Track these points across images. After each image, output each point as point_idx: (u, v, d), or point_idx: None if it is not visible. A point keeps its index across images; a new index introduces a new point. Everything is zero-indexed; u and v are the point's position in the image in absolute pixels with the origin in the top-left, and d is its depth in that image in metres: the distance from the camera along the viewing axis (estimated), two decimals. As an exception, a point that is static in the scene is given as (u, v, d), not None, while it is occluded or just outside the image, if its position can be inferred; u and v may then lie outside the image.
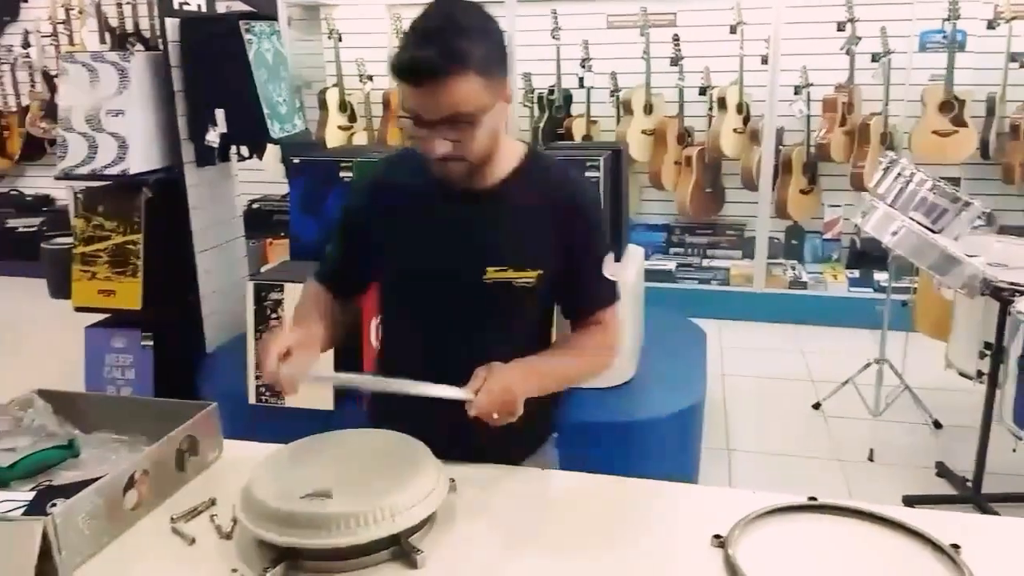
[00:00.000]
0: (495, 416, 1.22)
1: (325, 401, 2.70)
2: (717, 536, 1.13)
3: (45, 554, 1.05)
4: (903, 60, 4.64)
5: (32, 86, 6.06)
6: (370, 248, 1.45)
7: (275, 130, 3.28)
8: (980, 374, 2.79)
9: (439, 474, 1.19)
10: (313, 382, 1.25)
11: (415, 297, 1.44)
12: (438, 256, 1.38)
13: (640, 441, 2.76)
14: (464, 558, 1.12)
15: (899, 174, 2.96)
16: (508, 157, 1.38)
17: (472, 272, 1.36)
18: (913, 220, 2.83)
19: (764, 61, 4.68)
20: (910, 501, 2.81)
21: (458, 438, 1.27)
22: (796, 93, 4.77)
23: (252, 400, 2.86)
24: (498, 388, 1.23)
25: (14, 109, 6.16)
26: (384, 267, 1.48)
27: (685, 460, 2.93)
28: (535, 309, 1.45)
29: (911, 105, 4.69)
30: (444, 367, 1.35)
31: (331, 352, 1.54)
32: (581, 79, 5.02)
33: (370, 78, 5.30)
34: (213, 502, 1.25)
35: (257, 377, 2.84)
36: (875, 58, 4.65)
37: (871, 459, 3.19)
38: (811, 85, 4.76)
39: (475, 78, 1.21)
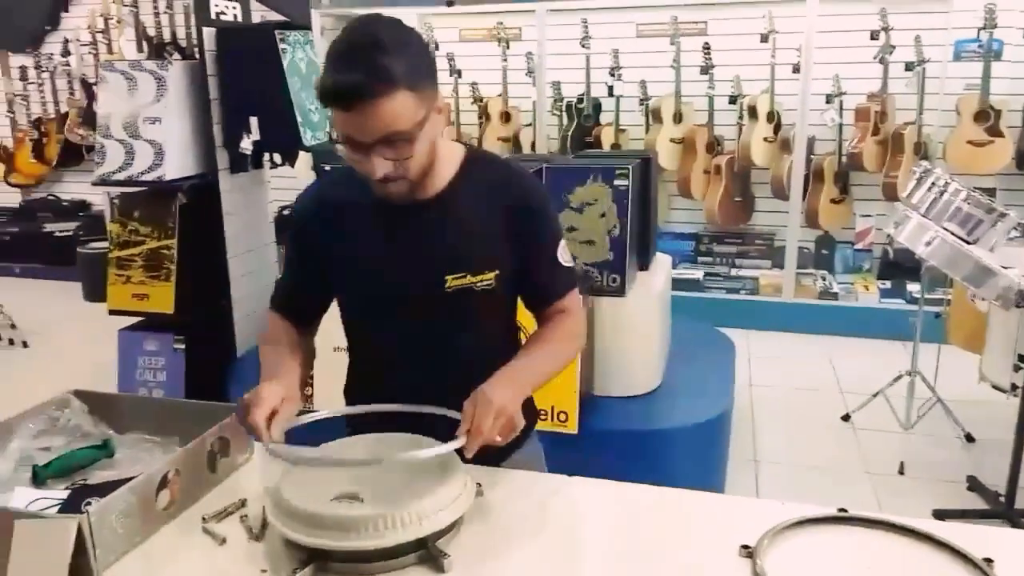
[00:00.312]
0: (499, 440, 1.20)
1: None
2: (745, 547, 1.12)
3: (79, 551, 1.07)
4: (938, 69, 4.59)
5: (71, 93, 6.19)
6: (322, 272, 1.43)
7: (307, 138, 3.32)
8: (1014, 387, 2.74)
9: (466, 479, 1.19)
10: (274, 456, 1.19)
11: (378, 315, 1.43)
12: (394, 272, 1.37)
13: (665, 450, 2.74)
14: (490, 563, 1.12)
15: (933, 184, 2.93)
16: (448, 162, 1.37)
17: (432, 283, 1.35)
18: (947, 231, 2.79)
19: (796, 70, 4.64)
20: (941, 515, 2.76)
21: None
22: (828, 102, 4.74)
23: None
24: (491, 414, 1.19)
25: (53, 116, 6.30)
26: (341, 289, 1.46)
27: (711, 471, 2.91)
28: (499, 308, 1.45)
29: (946, 115, 4.63)
30: (418, 379, 1.37)
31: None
32: (610, 88, 5.02)
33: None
34: (243, 503, 1.26)
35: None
36: (909, 67, 4.59)
37: (901, 472, 3.15)
38: (843, 94, 4.72)
39: (404, 94, 1.18)
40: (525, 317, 1.52)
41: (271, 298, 1.53)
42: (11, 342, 4.79)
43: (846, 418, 3.60)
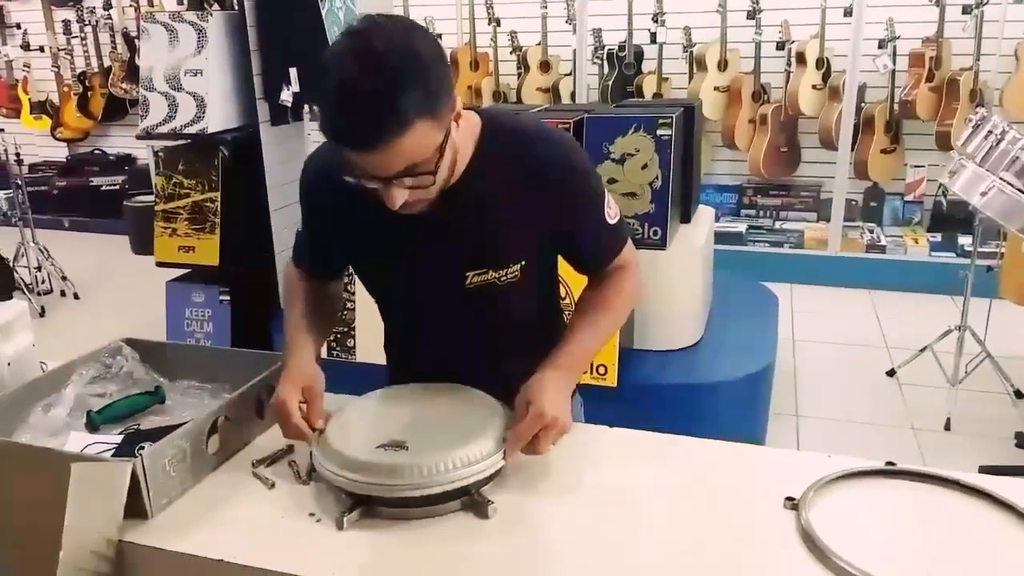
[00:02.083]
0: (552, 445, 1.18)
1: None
2: (790, 499, 1.11)
3: (134, 494, 1.10)
4: (997, 12, 4.39)
5: (113, 48, 6.24)
6: (339, 240, 1.34)
7: (346, 88, 3.31)
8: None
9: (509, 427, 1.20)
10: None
11: (396, 306, 1.39)
12: (412, 267, 1.29)
13: (705, 405, 2.74)
14: (533, 511, 1.13)
15: (990, 132, 2.82)
16: (463, 150, 1.22)
17: (452, 280, 1.27)
18: (1004, 181, 2.69)
19: (847, 13, 4.47)
20: (988, 471, 2.70)
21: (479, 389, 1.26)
22: (880, 47, 4.57)
23: (324, 354, 2.92)
24: (539, 425, 1.15)
25: (96, 70, 6.36)
26: (355, 268, 1.39)
27: (751, 426, 2.90)
28: (529, 289, 1.33)
29: (1004, 60, 4.45)
30: (449, 354, 1.34)
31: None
32: (653, 34, 4.90)
33: (439, 36, 5.28)
34: (291, 448, 1.29)
35: (334, 341, 2.91)
36: (967, 10, 4.40)
37: (948, 428, 3.10)
38: (897, 38, 4.54)
39: (422, 125, 1.05)
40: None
41: (293, 250, 1.48)
42: (63, 293, 4.93)
43: (891, 373, 3.54)
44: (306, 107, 3.56)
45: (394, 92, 1.02)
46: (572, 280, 1.47)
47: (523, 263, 1.28)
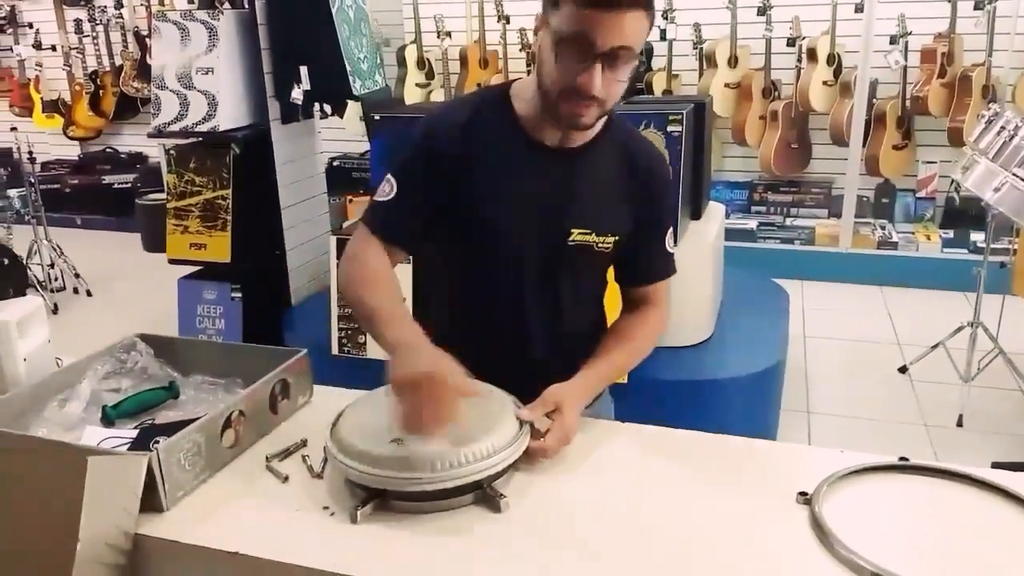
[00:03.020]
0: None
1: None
2: (803, 493, 1.11)
3: (149, 487, 1.11)
4: (1009, 7, 4.36)
5: (125, 46, 6.27)
6: (446, 196, 1.32)
7: (356, 87, 3.32)
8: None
9: (523, 422, 1.20)
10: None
11: (492, 255, 1.37)
12: (523, 214, 1.33)
13: (715, 401, 2.73)
14: (546, 505, 1.14)
15: (1002, 128, 2.81)
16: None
17: (556, 233, 1.33)
18: (1017, 176, 2.68)
19: (858, 9, 4.46)
20: (1000, 467, 2.70)
21: (518, 393, 1.27)
22: (892, 43, 4.54)
23: (335, 351, 2.94)
24: (562, 439, 1.23)
25: (108, 69, 6.39)
26: (459, 224, 1.35)
27: (762, 421, 2.89)
28: (604, 274, 1.45)
29: (1016, 55, 4.42)
30: (509, 331, 1.37)
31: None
32: (663, 31, 4.89)
33: (448, 34, 5.28)
34: (304, 443, 1.30)
35: (345, 337, 2.92)
36: (979, 5, 4.37)
37: (960, 425, 3.08)
38: (909, 34, 4.52)
39: (648, 17, 1.19)
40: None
41: (369, 222, 1.36)
42: (76, 291, 4.96)
43: (903, 370, 3.53)
44: (316, 105, 3.58)
45: None
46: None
47: (617, 238, 1.36)
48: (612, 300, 1.52)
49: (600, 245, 1.35)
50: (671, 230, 1.44)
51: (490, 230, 1.35)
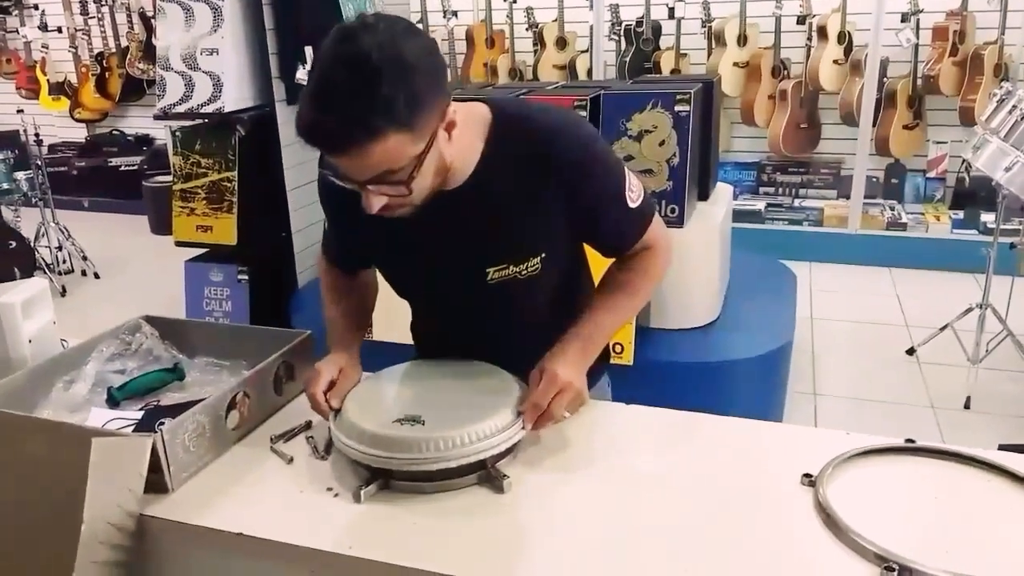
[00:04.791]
0: (566, 415, 1.19)
1: (410, 336, 2.75)
2: (807, 475, 1.11)
3: (154, 468, 1.12)
4: (1024, -17, 4.29)
5: (130, 27, 6.24)
6: (360, 240, 1.33)
7: (362, 67, 3.30)
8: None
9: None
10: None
11: (418, 298, 1.40)
12: (432, 261, 1.27)
13: (721, 383, 2.73)
14: (549, 486, 1.14)
15: (1014, 107, 2.78)
16: (472, 147, 1.19)
17: (473, 276, 1.25)
18: (1029, 156, 2.65)
19: (869, -13, 4.40)
20: (1007, 450, 2.69)
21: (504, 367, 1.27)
22: (903, 21, 4.48)
23: (341, 333, 2.94)
24: (554, 391, 1.16)
25: (113, 51, 6.37)
26: (378, 266, 1.40)
27: (769, 403, 2.89)
28: (553, 284, 1.32)
29: (1030, 33, 4.35)
30: (473, 350, 1.33)
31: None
32: (671, 9, 4.84)
33: (454, 14, 5.24)
34: (309, 424, 1.30)
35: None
36: (992, -18, 4.31)
37: (967, 407, 3.07)
38: (920, 12, 4.45)
39: (398, 135, 1.01)
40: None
41: (321, 244, 1.48)
42: (83, 273, 4.97)
43: (911, 352, 3.51)
44: (322, 86, 3.56)
45: (366, 99, 0.99)
46: (595, 264, 1.45)
47: (543, 255, 1.26)
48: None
49: (525, 272, 1.25)
50: (626, 184, 1.26)
51: (405, 279, 1.37)
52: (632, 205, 1.27)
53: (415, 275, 1.34)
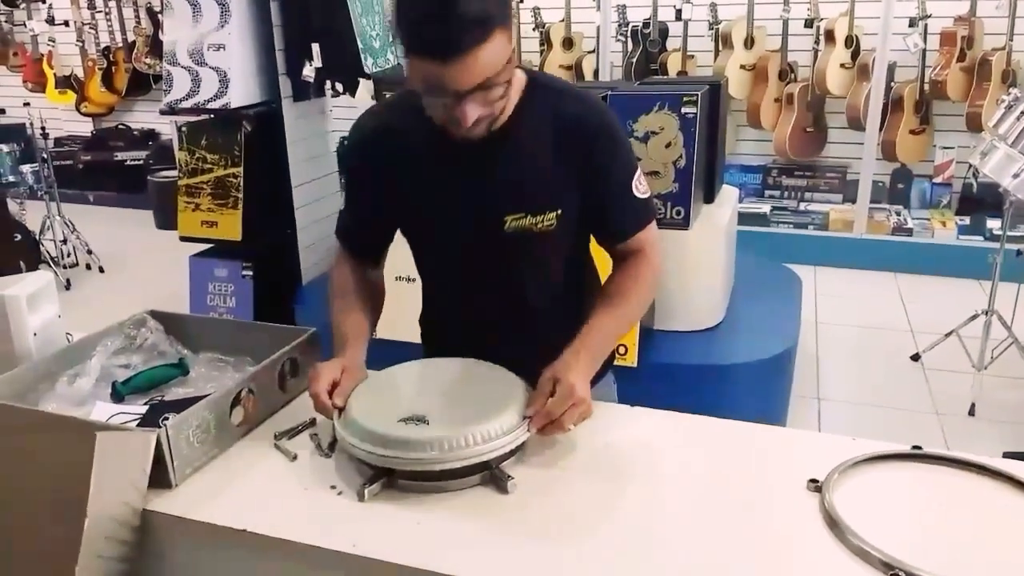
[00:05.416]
0: (571, 428, 1.17)
1: (414, 334, 2.75)
2: (813, 480, 1.10)
3: (158, 463, 1.12)
4: (1033, -11, 4.27)
5: (137, 22, 6.25)
6: (383, 206, 1.38)
7: (368, 65, 3.30)
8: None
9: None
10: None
11: (438, 252, 1.40)
12: (455, 209, 1.31)
13: (724, 386, 2.72)
14: (552, 487, 1.13)
15: (1022, 113, 2.76)
16: (513, 92, 1.25)
17: (491, 223, 1.29)
18: (1037, 163, 2.64)
19: (878, -9, 4.39)
20: (1012, 457, 2.68)
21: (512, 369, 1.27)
22: (911, 25, 4.47)
23: (345, 330, 2.94)
24: (568, 403, 1.14)
25: (120, 45, 6.38)
26: (402, 224, 1.41)
27: (772, 407, 2.88)
28: (564, 248, 1.37)
29: (1039, 40, 4.34)
30: (484, 317, 1.36)
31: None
32: (678, 11, 4.83)
33: (462, 12, 5.22)
34: (313, 422, 1.29)
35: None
36: (1001, -12, 4.30)
37: (972, 413, 3.06)
38: (928, 17, 4.45)
39: (499, 34, 1.09)
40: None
41: (336, 230, 1.49)
42: (88, 267, 4.98)
43: (916, 358, 3.50)
44: (328, 83, 3.56)
45: (479, 2, 1.06)
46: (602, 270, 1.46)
47: (559, 212, 1.30)
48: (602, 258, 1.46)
49: (540, 225, 1.29)
50: (635, 175, 1.33)
51: (426, 231, 1.38)
52: (638, 195, 1.34)
53: (440, 226, 1.35)
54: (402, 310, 1.55)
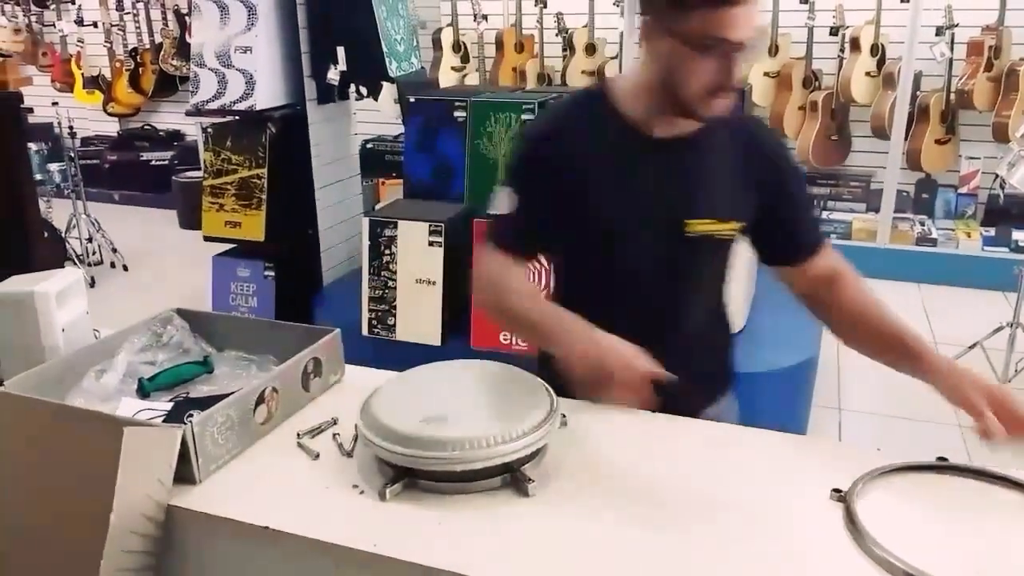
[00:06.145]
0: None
1: (433, 336, 2.76)
2: (837, 490, 1.09)
3: (183, 459, 1.13)
4: (1064, -1, 4.23)
5: (164, 24, 6.33)
6: (552, 205, 1.33)
7: (392, 68, 3.32)
8: None
9: (553, 408, 1.20)
10: None
11: (608, 254, 1.36)
12: (636, 209, 1.31)
13: (746, 395, 2.69)
14: (574, 492, 1.13)
15: (1052, 124, 2.73)
16: None
17: (672, 225, 1.30)
18: (1065, 174, 2.61)
19: (904, -1, 4.36)
20: (1038, 473, 2.65)
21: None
22: (938, 34, 4.44)
23: (364, 331, 2.96)
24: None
25: (148, 47, 6.46)
26: (572, 225, 1.36)
27: (793, 417, 2.86)
28: (728, 262, 1.42)
29: (1069, 49, 4.29)
30: (638, 328, 1.27)
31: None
32: (702, 19, 4.81)
33: (484, 18, 5.25)
34: (335, 421, 1.30)
35: (375, 318, 2.92)
36: (1031, -3, 4.25)
37: (996, 427, 3.02)
38: (956, 26, 4.41)
39: None
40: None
41: (492, 236, 1.41)
42: (112, 265, 5.04)
43: (938, 369, 3.46)
44: (352, 86, 3.58)
45: None
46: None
47: (741, 225, 1.34)
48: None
49: (722, 233, 1.33)
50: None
51: (606, 229, 1.35)
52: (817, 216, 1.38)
53: (614, 225, 1.33)
54: (421, 312, 1.56)
